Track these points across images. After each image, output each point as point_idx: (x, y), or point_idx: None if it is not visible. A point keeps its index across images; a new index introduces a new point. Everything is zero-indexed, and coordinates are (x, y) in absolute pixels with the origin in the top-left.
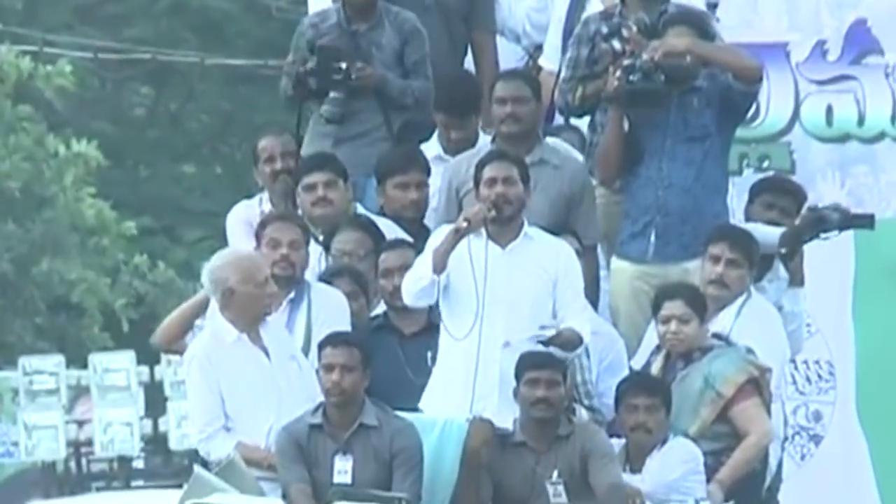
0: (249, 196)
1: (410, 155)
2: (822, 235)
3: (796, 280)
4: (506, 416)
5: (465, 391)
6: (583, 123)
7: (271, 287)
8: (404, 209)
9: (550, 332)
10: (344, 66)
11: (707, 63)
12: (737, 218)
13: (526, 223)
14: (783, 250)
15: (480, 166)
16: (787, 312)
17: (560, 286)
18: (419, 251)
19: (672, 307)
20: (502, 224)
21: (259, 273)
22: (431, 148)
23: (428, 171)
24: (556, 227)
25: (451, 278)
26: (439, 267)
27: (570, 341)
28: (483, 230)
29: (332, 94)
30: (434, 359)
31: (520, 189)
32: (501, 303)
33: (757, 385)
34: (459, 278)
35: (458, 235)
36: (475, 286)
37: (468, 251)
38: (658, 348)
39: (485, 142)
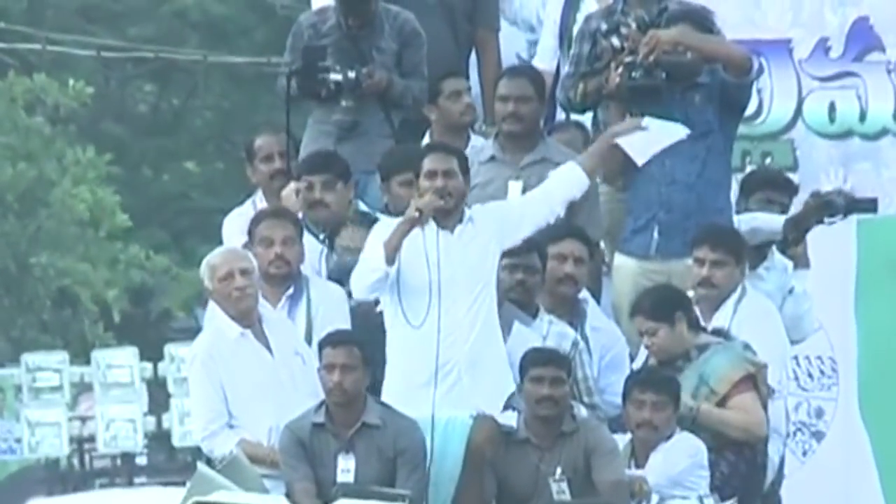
0: (248, 195)
1: (416, 153)
2: (827, 220)
3: (801, 263)
4: (476, 402)
5: (428, 378)
6: (585, 119)
7: (238, 281)
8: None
9: None
10: (329, 64)
11: (696, 53)
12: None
13: (466, 208)
14: (788, 237)
15: (419, 157)
16: (799, 294)
17: (507, 224)
18: None
19: (637, 322)
20: (445, 214)
21: (221, 269)
22: None
23: None
24: (558, 224)
25: (403, 268)
26: (392, 258)
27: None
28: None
29: (343, 103)
30: None
31: (459, 181)
32: (460, 284)
33: (754, 381)
34: (412, 267)
35: (412, 226)
36: (429, 273)
37: (422, 241)
38: None
39: (481, 142)
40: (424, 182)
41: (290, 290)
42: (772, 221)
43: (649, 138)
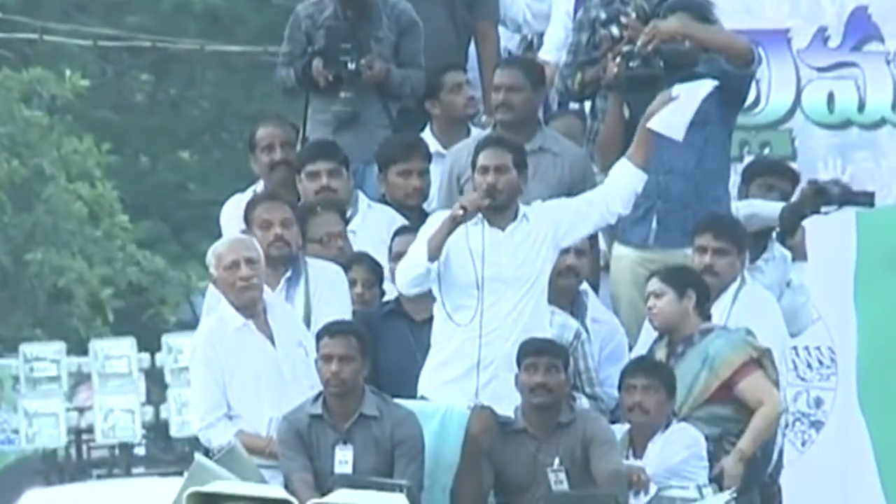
0: (248, 184)
1: (413, 142)
2: (823, 210)
3: (799, 255)
4: (511, 400)
5: (470, 375)
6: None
7: (244, 271)
8: (407, 196)
9: None
10: (350, 46)
11: (698, 43)
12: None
13: (521, 205)
14: (784, 224)
15: (477, 151)
16: (797, 286)
17: (563, 223)
18: None
19: (649, 285)
20: (496, 211)
21: (226, 257)
22: (428, 143)
23: (429, 159)
24: None
25: (451, 265)
26: (434, 254)
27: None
28: (480, 216)
29: (343, 94)
30: None
31: (512, 176)
32: (508, 283)
33: (759, 363)
34: (459, 264)
35: (455, 223)
36: (475, 271)
37: (466, 237)
38: (661, 335)
39: (478, 133)
40: (477, 177)
41: (289, 273)
42: (769, 208)
43: (680, 107)
